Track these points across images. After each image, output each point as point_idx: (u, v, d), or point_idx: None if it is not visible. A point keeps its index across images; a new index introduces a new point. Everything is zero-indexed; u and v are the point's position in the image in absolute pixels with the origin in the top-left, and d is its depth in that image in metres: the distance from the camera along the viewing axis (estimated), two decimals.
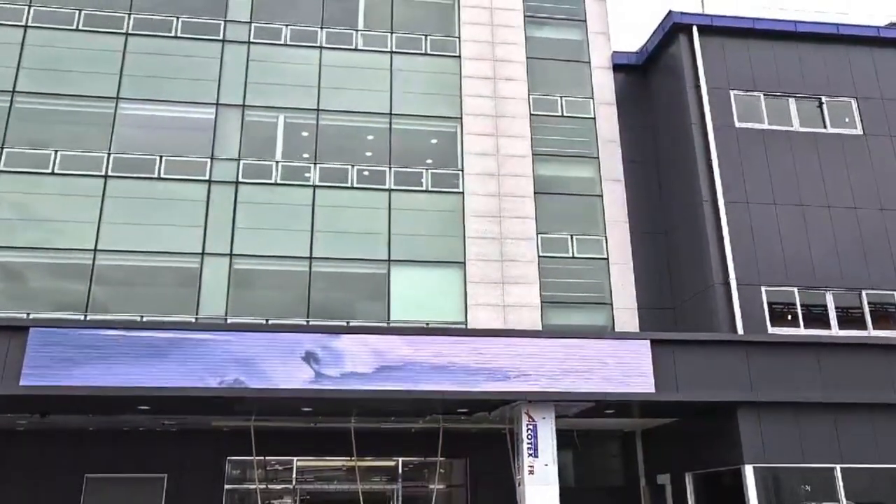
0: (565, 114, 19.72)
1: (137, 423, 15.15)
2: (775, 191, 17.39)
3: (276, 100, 18.73)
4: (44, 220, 16.95)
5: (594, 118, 19.70)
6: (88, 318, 16.11)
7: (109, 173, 17.44)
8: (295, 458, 16.65)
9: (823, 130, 18.28)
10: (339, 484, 16.84)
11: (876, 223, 17.44)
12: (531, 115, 19.45)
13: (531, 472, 13.18)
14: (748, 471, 13.37)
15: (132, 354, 12.33)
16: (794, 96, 18.49)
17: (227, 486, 16.06)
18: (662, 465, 16.50)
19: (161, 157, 17.73)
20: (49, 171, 17.26)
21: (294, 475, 16.67)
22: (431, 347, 13.08)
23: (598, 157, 19.33)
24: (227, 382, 12.39)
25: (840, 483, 13.53)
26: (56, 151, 17.42)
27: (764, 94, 18.35)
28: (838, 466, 13.62)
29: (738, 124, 17.92)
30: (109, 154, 17.60)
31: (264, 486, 15.90)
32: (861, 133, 18.38)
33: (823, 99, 18.56)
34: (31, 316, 15.73)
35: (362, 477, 15.90)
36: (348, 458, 15.99)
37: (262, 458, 15.71)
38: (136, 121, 18.10)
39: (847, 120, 18.50)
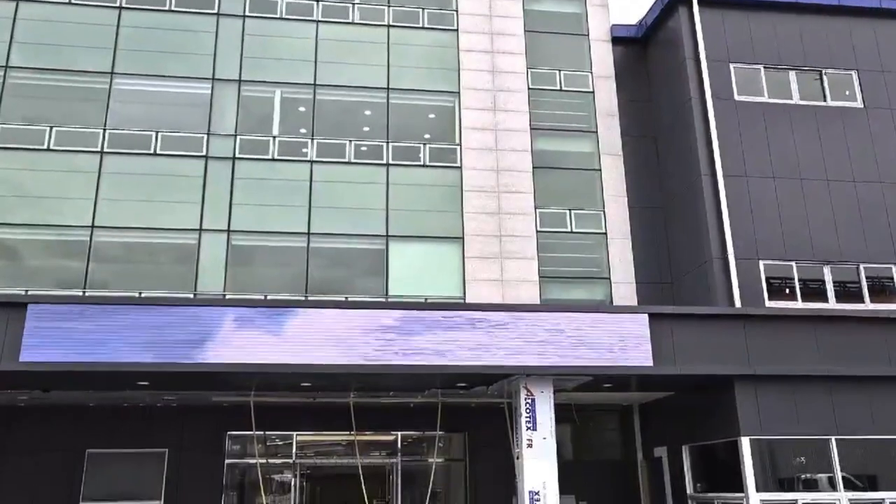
0: (564, 88, 19.58)
1: (137, 398, 15.21)
2: (774, 165, 17.33)
3: (272, 74, 18.57)
4: (40, 196, 16.89)
5: (593, 92, 19.57)
6: (87, 294, 16.12)
7: (105, 149, 17.35)
8: (295, 433, 16.76)
9: (823, 104, 18.17)
10: (338, 458, 16.97)
11: (875, 196, 17.42)
12: (529, 89, 19.32)
13: (529, 446, 13.26)
14: (744, 443, 13.47)
15: (131, 330, 12.35)
16: (795, 69, 18.35)
17: (227, 461, 16.18)
18: (659, 439, 16.62)
19: (157, 132, 17.62)
20: (44, 147, 17.17)
21: (294, 450, 16.79)
22: (429, 322, 13.10)
23: (596, 132, 19.24)
24: (228, 357, 12.41)
25: (835, 454, 13.63)
26: (51, 127, 17.31)
27: (764, 67, 18.21)
28: (833, 438, 13.71)
29: (737, 97, 17.81)
30: (105, 130, 17.48)
31: (264, 461, 16.02)
32: (861, 106, 18.27)
33: (824, 71, 18.43)
34: (30, 292, 15.74)
35: (362, 451, 16.02)
36: (348, 433, 16.09)
37: (261, 432, 15.80)
38: (131, 96, 17.96)
39: (847, 93, 18.39)
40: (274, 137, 18.09)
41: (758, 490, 13.27)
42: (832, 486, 13.54)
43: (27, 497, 15.13)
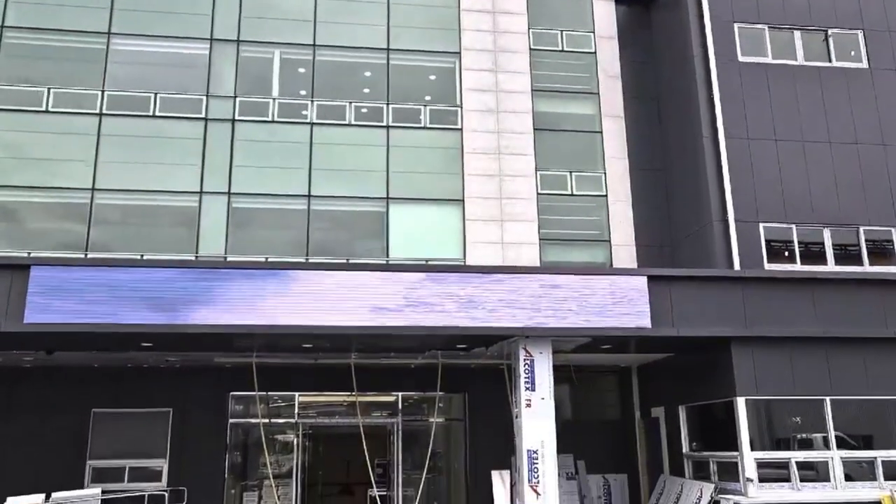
0: (566, 48, 19.36)
1: (141, 359, 15.40)
2: (777, 126, 17.21)
3: (271, 35, 18.37)
4: (40, 158, 16.85)
5: (595, 53, 19.36)
6: (89, 256, 16.19)
7: (104, 111, 17.26)
8: (297, 394, 16.98)
9: (828, 64, 17.96)
10: (340, 418, 17.22)
11: (877, 159, 17.32)
12: (531, 49, 19.10)
13: (528, 406, 13.45)
14: (740, 403, 13.65)
15: (134, 292, 12.44)
16: (800, 28, 18.11)
17: (230, 421, 16.43)
18: (657, 399, 16.83)
19: (156, 94, 17.51)
20: (43, 108, 17.07)
21: (296, 410, 17.02)
22: (430, 284, 13.18)
23: (598, 93, 19.08)
24: (230, 320, 12.53)
25: (829, 414, 13.82)
26: (49, 89, 17.19)
27: (768, 27, 17.96)
28: (828, 398, 13.89)
29: (741, 58, 17.59)
30: (103, 92, 17.37)
31: (267, 421, 16.26)
32: (866, 66, 18.06)
33: (829, 31, 18.18)
34: (32, 254, 15.81)
35: (363, 411, 16.23)
36: (349, 394, 16.30)
37: (264, 393, 16.01)
38: (129, 57, 17.80)
39: (853, 53, 18.16)
40: (273, 99, 17.97)
41: (752, 449, 13.49)
42: (826, 445, 13.74)
43: (35, 456, 15.41)
